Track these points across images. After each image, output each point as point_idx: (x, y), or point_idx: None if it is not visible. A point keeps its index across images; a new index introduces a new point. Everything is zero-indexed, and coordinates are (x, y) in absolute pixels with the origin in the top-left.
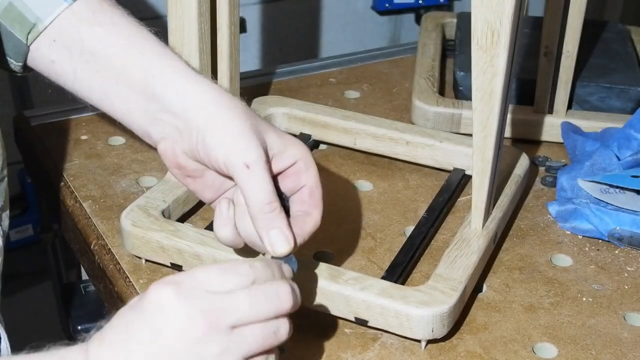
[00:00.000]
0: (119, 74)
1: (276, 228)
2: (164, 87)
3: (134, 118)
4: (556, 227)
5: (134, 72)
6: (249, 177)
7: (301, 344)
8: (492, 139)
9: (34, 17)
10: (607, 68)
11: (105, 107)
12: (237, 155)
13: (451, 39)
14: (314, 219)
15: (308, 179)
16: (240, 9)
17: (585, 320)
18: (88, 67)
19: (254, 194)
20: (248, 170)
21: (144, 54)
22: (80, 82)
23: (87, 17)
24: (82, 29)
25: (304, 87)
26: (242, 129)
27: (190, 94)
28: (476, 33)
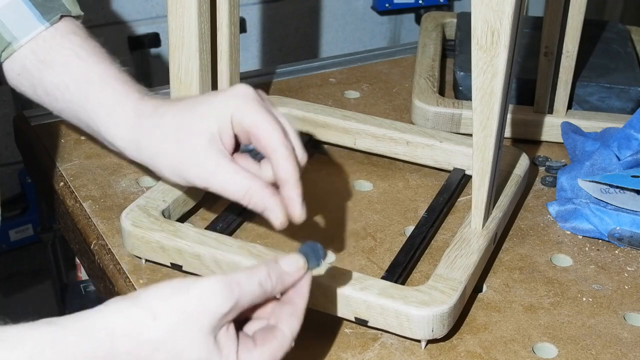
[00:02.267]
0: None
1: (264, 210)
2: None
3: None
4: (556, 227)
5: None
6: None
7: (301, 344)
8: (492, 139)
9: (10, 36)
10: (607, 68)
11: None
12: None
13: (451, 39)
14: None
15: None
16: (240, 9)
17: (585, 320)
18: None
19: (229, 197)
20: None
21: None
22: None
23: (42, 58)
24: (41, 68)
25: (304, 87)
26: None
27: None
28: (476, 33)
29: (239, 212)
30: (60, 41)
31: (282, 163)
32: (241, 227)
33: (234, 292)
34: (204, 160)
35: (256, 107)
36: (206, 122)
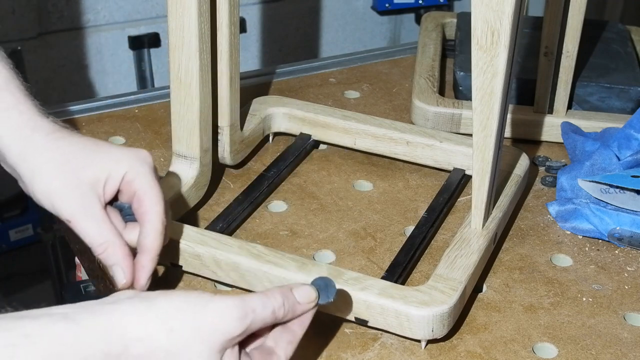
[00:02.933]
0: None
1: (113, 264)
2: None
3: None
4: (556, 227)
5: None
6: (75, 227)
7: (301, 344)
8: (492, 139)
9: None
10: (607, 68)
11: None
12: (60, 210)
13: (451, 39)
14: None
15: (136, 185)
16: (240, 9)
17: (585, 320)
18: None
19: (86, 239)
20: (71, 223)
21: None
22: None
23: None
24: None
25: (304, 87)
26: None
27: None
28: (476, 33)
29: (239, 212)
30: None
31: (152, 234)
32: (241, 227)
33: (248, 317)
34: (79, 198)
35: (151, 175)
36: (99, 165)
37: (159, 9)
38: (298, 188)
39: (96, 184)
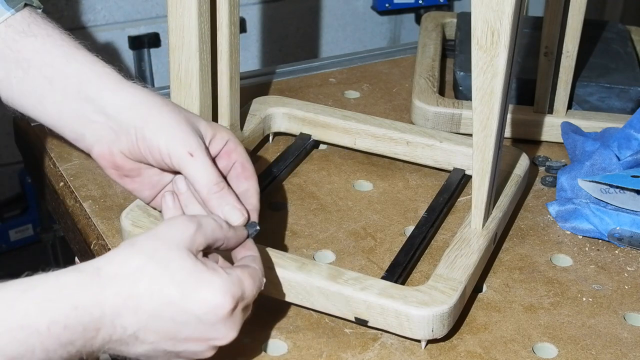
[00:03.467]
0: (53, 79)
1: (228, 204)
2: (98, 90)
3: (68, 121)
4: (556, 227)
5: (68, 77)
6: (194, 163)
7: (301, 344)
8: (492, 139)
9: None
10: (607, 68)
11: (37, 113)
12: (180, 145)
13: (451, 39)
14: (253, 188)
15: (237, 155)
16: (240, 9)
17: (585, 320)
18: (23, 74)
19: (201, 178)
20: (192, 157)
21: (77, 61)
22: (14, 89)
23: (21, 29)
24: (17, 39)
25: (304, 87)
26: (178, 122)
27: (124, 95)
28: (476, 33)
29: None
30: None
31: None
32: None
33: (195, 218)
34: (197, 138)
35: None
36: (207, 123)
37: (159, 9)
38: (298, 188)
39: (204, 137)
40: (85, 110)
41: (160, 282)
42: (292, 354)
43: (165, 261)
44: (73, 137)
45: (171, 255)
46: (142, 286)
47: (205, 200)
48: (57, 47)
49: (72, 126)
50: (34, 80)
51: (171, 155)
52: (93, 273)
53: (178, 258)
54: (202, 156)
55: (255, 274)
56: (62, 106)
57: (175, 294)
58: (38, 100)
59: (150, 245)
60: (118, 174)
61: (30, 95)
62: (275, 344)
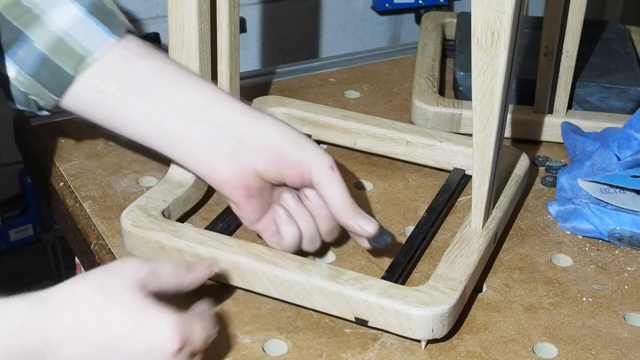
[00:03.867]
0: (179, 102)
1: (360, 215)
2: (230, 113)
3: (193, 142)
4: (556, 227)
5: (196, 100)
6: (334, 177)
7: (301, 344)
8: (492, 139)
9: (84, 50)
10: (607, 68)
11: (151, 137)
12: (321, 159)
13: (451, 39)
14: None
15: None
16: (240, 9)
17: (585, 320)
18: (143, 96)
19: (340, 192)
20: (333, 171)
21: (199, 82)
22: (131, 112)
23: (140, 52)
24: (138, 60)
25: (304, 87)
26: (310, 141)
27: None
28: (476, 33)
29: None
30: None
31: None
32: (241, 227)
33: (148, 262)
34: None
35: None
36: None
37: (159, 9)
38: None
39: None
40: (214, 130)
41: (109, 315)
42: (292, 354)
43: (114, 295)
44: (197, 157)
45: (121, 290)
46: (90, 318)
47: (338, 212)
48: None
49: (198, 147)
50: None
51: (312, 168)
52: (41, 300)
53: (128, 293)
54: (338, 172)
55: (205, 320)
56: (190, 130)
57: (122, 327)
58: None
59: (101, 280)
60: (245, 194)
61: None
62: (275, 344)
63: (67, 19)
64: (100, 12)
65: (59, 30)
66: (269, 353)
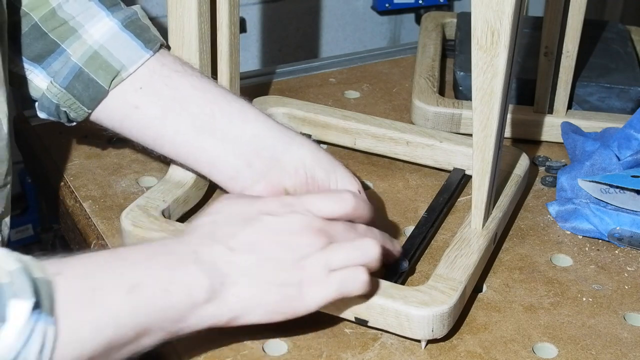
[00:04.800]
0: (214, 119)
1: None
2: (266, 134)
3: (228, 159)
4: (556, 227)
5: (230, 119)
6: (359, 200)
7: (301, 344)
8: (492, 139)
9: (119, 64)
10: (607, 68)
11: (186, 154)
12: (349, 184)
13: (451, 39)
14: None
15: None
16: (240, 9)
17: (585, 320)
18: (180, 112)
19: (365, 214)
20: (358, 195)
21: (235, 101)
22: (165, 128)
23: (175, 68)
24: (174, 77)
25: (304, 87)
26: (340, 165)
27: (288, 137)
28: (476, 33)
29: None
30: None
31: None
32: None
33: None
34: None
35: None
36: None
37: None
38: None
39: None
40: (248, 148)
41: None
42: (292, 354)
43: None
44: (231, 174)
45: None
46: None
47: None
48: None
49: (233, 164)
50: (192, 118)
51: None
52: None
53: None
54: (364, 194)
55: None
56: (223, 144)
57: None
58: (194, 138)
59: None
60: None
61: (185, 133)
62: (275, 344)
63: (103, 33)
64: (134, 26)
65: (95, 43)
66: (269, 353)
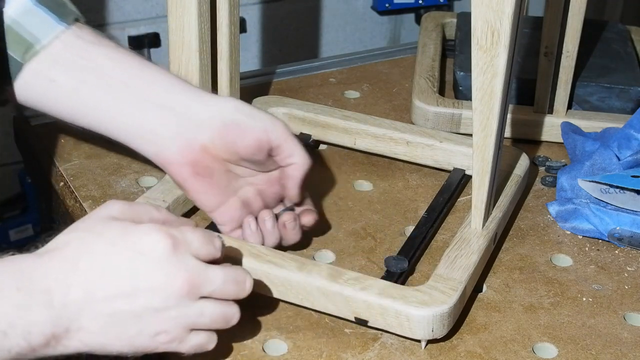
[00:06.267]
0: (128, 86)
1: None
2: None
3: (143, 125)
4: (556, 227)
5: (145, 84)
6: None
7: (301, 344)
8: (492, 139)
9: (32, 37)
10: (607, 68)
11: (103, 122)
12: (280, 124)
13: (451, 39)
14: None
15: None
16: (240, 9)
17: (585, 320)
18: (95, 82)
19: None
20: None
21: (151, 68)
22: (81, 99)
23: (91, 40)
24: (89, 49)
25: (304, 87)
26: (264, 111)
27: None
28: (476, 33)
29: None
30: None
31: None
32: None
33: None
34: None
35: None
36: None
37: (159, 9)
38: None
39: None
40: (163, 112)
41: (91, 242)
42: (292, 354)
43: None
44: (148, 137)
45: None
46: (75, 248)
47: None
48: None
49: (149, 127)
50: (107, 89)
51: (270, 132)
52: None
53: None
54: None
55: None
56: (138, 111)
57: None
58: (110, 108)
59: (78, 224)
60: (192, 171)
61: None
62: (275, 344)
63: (16, 8)
64: (49, 1)
65: (8, 19)
66: (269, 353)
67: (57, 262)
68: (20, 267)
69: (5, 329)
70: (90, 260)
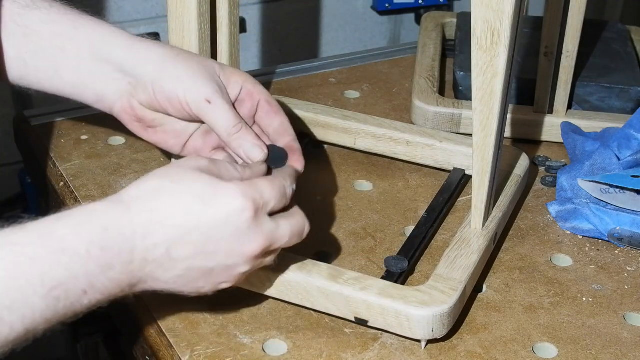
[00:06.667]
0: (64, 47)
1: (247, 142)
2: (111, 49)
3: (87, 84)
4: (556, 227)
5: (79, 42)
6: (212, 109)
7: (301, 344)
8: (492, 139)
9: None
10: (607, 68)
11: (54, 83)
12: (197, 93)
13: (451, 39)
14: (286, 121)
15: (259, 94)
16: (240, 9)
17: (585, 320)
18: (34, 47)
19: (220, 123)
20: (210, 104)
21: (85, 25)
22: (27, 65)
23: (26, 4)
24: (23, 14)
25: (304, 87)
26: (194, 71)
27: (137, 51)
28: (476, 33)
29: None
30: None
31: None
32: None
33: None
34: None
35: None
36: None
37: (159, 9)
38: (297, 188)
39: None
40: (103, 70)
41: (179, 195)
42: (292, 354)
43: (180, 178)
44: (94, 99)
45: (186, 174)
46: (163, 200)
47: (226, 143)
48: (62, 15)
49: (92, 88)
50: (46, 52)
51: (189, 103)
52: (116, 199)
53: (192, 175)
54: (219, 101)
55: (275, 181)
56: (78, 71)
57: (195, 204)
58: (54, 70)
59: (164, 171)
60: (141, 126)
61: (45, 68)
62: (275, 344)
63: None
64: None
65: None
66: (269, 353)
67: (145, 216)
68: (106, 225)
69: (86, 288)
70: (177, 218)
